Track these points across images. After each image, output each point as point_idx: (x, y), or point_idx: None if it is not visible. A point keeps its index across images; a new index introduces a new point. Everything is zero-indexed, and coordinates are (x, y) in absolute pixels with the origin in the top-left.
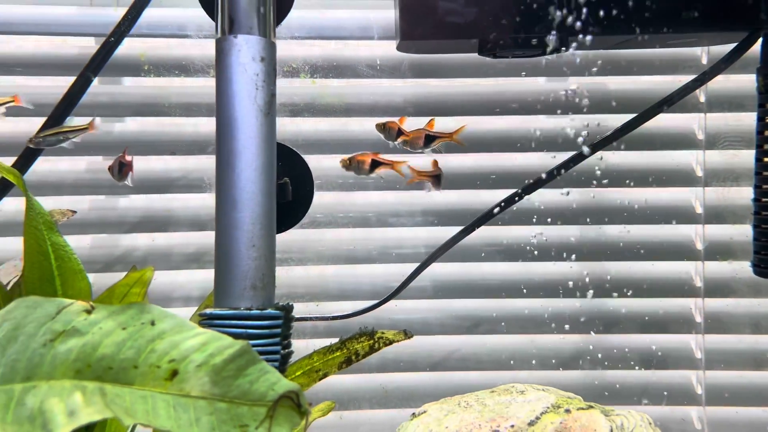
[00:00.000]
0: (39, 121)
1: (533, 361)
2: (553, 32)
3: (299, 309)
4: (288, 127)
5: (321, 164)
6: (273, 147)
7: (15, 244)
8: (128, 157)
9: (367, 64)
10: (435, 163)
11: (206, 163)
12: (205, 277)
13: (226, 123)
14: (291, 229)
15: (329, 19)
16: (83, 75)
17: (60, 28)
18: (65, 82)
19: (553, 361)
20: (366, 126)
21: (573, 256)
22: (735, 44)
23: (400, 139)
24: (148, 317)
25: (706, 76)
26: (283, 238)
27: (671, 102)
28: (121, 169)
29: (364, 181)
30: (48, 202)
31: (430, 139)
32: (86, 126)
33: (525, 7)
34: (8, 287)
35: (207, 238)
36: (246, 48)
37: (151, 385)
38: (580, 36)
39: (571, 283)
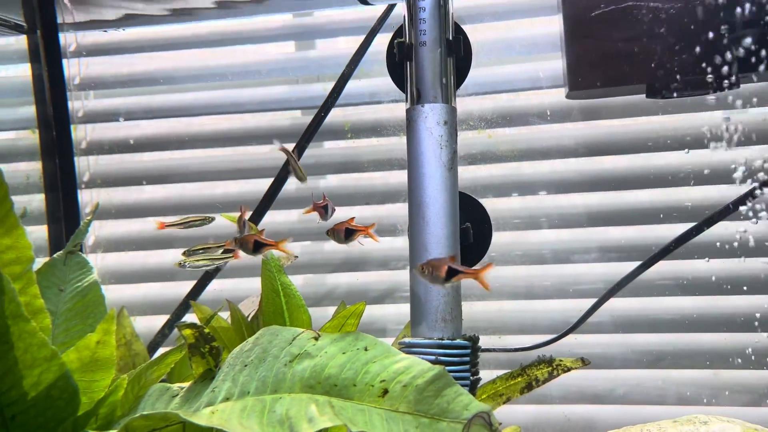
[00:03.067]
0: (264, 183)
1: (718, 396)
2: (722, 71)
3: (482, 341)
4: (465, 174)
5: (496, 206)
6: (456, 197)
7: (246, 282)
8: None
9: (538, 112)
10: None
11: (395, 211)
12: (398, 310)
13: (416, 178)
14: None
15: (501, 74)
16: (299, 144)
17: (275, 105)
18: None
19: (740, 397)
20: (538, 168)
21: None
22: None
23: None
24: (362, 344)
25: None
26: None
27: None
28: (325, 209)
29: (537, 221)
30: None
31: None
32: (226, 247)
33: (693, 49)
34: (249, 318)
35: (397, 276)
36: (431, 115)
37: (367, 400)
38: (751, 72)
39: (758, 315)
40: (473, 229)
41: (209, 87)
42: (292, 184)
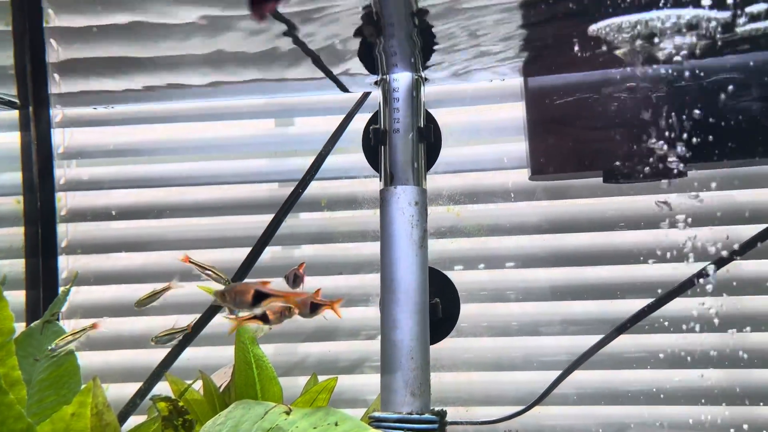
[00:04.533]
0: (241, 252)
1: None
2: (674, 161)
3: (450, 413)
4: (435, 247)
5: (463, 278)
6: (425, 273)
7: (219, 351)
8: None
9: (503, 191)
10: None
11: (368, 281)
12: (368, 380)
13: (388, 255)
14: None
15: (469, 155)
16: (277, 217)
17: (253, 177)
18: (260, 219)
19: None
20: (505, 243)
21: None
22: None
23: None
24: (333, 419)
25: None
26: (433, 347)
27: None
28: (296, 280)
29: (504, 294)
30: None
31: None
32: (92, 326)
33: (646, 138)
34: (221, 388)
35: (368, 346)
36: (403, 196)
37: None
38: (699, 162)
39: (716, 391)
40: (442, 303)
41: (190, 159)
42: (268, 253)
